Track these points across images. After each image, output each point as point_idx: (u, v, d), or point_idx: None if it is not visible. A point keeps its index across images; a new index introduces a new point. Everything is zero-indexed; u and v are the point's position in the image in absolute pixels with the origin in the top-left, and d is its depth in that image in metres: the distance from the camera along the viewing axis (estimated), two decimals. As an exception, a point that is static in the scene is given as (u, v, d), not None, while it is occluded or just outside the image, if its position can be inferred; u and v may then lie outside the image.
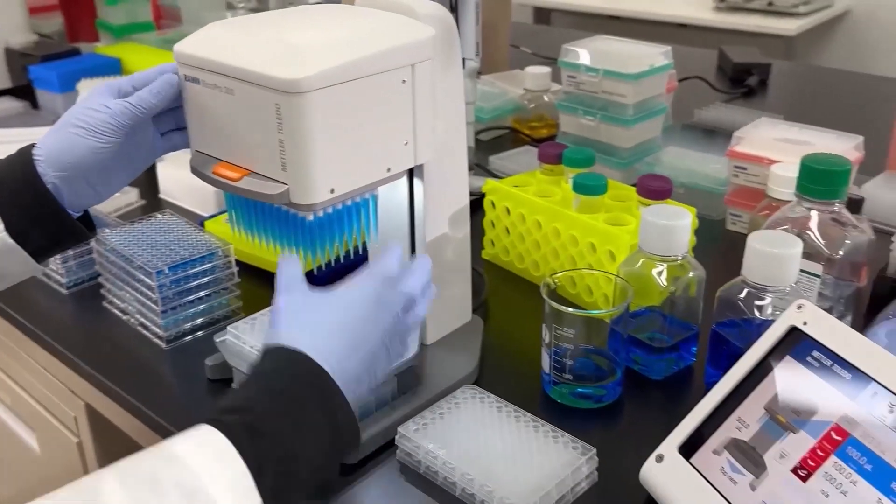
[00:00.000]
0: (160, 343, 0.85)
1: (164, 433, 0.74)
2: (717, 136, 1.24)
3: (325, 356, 0.57)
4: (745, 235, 1.03)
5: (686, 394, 0.79)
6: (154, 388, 0.81)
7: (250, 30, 0.66)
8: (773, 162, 0.98)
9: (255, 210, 0.71)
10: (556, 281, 0.77)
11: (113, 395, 0.81)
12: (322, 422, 0.55)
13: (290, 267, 0.64)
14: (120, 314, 0.90)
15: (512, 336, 0.88)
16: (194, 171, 0.68)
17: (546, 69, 1.36)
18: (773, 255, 0.70)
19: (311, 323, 0.59)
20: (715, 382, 0.76)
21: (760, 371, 0.64)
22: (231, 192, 0.66)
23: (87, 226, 0.68)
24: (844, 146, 1.01)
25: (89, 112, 0.65)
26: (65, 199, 0.65)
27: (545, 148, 0.98)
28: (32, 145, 0.65)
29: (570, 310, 0.73)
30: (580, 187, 0.89)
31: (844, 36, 3.05)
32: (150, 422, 0.77)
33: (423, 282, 0.65)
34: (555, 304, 0.73)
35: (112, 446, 0.99)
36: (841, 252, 0.78)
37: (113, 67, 1.53)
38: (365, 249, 0.75)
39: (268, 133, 0.61)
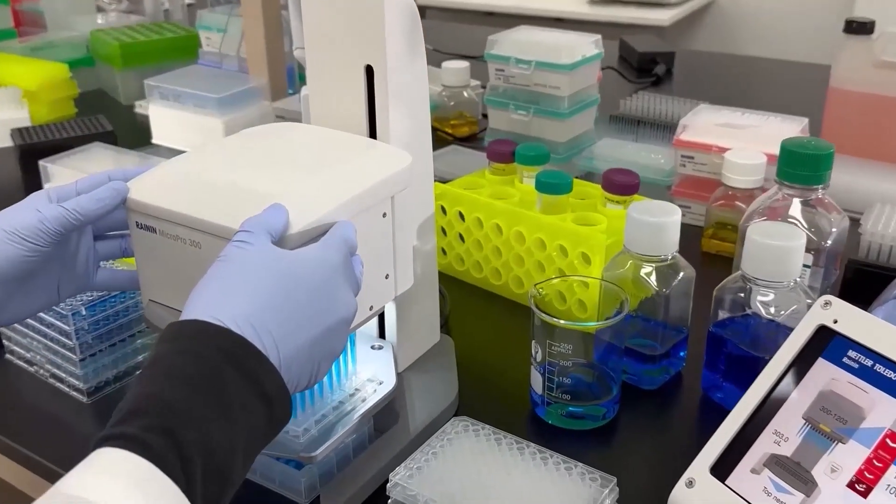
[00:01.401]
0: (79, 396, 0.73)
1: None
2: (645, 125, 1.20)
3: (258, 332, 0.46)
4: (698, 227, 1.00)
5: (683, 403, 0.73)
6: (75, 449, 0.67)
7: (213, 173, 0.57)
8: (723, 150, 0.95)
9: None
10: (541, 290, 0.70)
11: (27, 462, 0.68)
12: (251, 399, 0.44)
13: (271, 213, 0.51)
14: (26, 366, 0.77)
15: (481, 354, 0.80)
16: (149, 324, 0.59)
17: (465, 64, 1.29)
18: (777, 248, 0.65)
19: (247, 287, 0.47)
20: (714, 387, 0.71)
21: (791, 378, 0.59)
22: None
23: None
24: (792, 129, 0.98)
25: (17, 214, 0.56)
26: None
27: (495, 146, 0.91)
28: None
29: (563, 322, 0.66)
30: (544, 186, 0.82)
31: (712, 23, 3.15)
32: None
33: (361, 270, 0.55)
34: (547, 318, 0.66)
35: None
36: (829, 241, 0.74)
37: (-26, 79, 1.35)
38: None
39: None
